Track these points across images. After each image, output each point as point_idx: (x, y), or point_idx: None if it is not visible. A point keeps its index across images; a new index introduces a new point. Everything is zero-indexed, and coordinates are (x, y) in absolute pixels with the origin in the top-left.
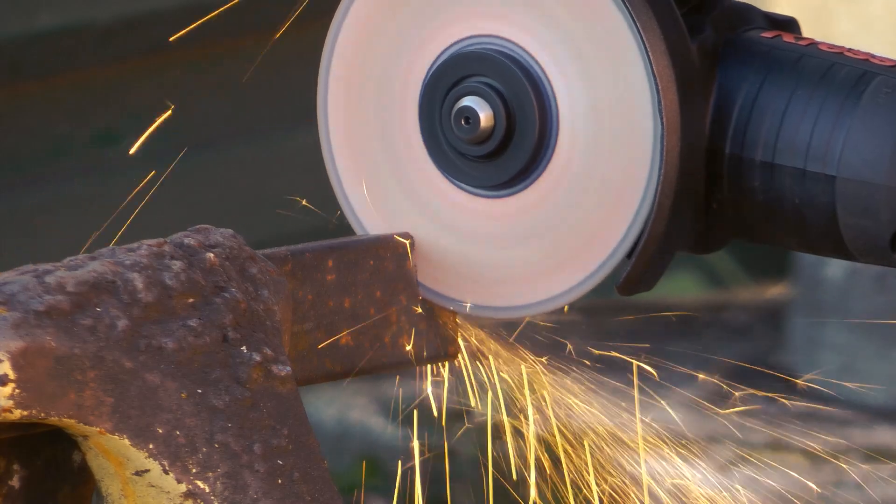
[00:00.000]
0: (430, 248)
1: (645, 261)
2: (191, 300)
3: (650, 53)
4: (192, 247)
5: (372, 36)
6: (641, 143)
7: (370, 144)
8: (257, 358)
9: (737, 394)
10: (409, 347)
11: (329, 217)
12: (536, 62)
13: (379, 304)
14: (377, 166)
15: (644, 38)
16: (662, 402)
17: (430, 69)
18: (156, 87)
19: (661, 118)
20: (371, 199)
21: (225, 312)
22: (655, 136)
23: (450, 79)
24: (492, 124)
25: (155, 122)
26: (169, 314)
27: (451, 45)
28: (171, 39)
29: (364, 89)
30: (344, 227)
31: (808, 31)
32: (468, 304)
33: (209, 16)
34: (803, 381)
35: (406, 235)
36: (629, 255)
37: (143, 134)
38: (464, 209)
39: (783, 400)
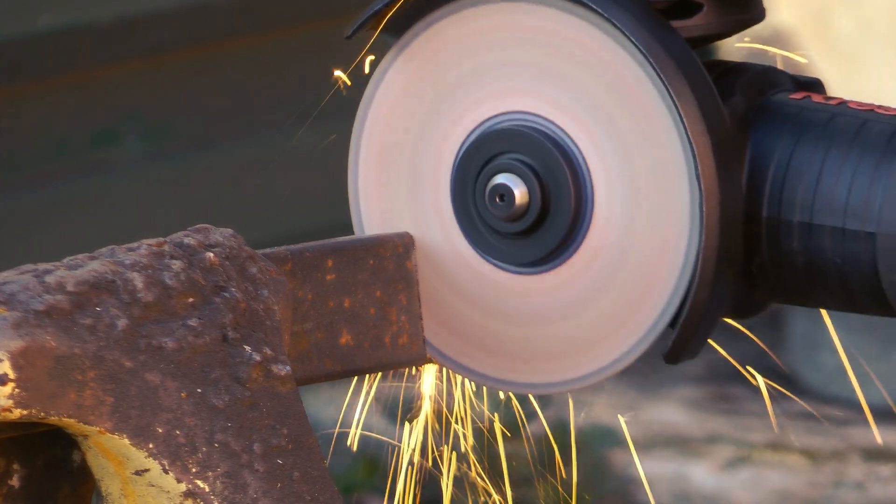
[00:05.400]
0: (461, 323)
1: (690, 329)
2: (191, 300)
3: (684, 119)
4: (192, 246)
5: (404, 110)
6: (680, 212)
7: (402, 220)
8: (257, 357)
9: (736, 394)
10: (409, 347)
11: None
12: (568, 136)
13: (379, 304)
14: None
15: (677, 104)
16: (662, 401)
17: (461, 145)
18: (156, 87)
19: (700, 184)
20: None
21: (225, 312)
22: (693, 203)
23: (482, 156)
24: (527, 201)
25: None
26: (169, 314)
27: (483, 122)
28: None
29: (396, 163)
30: (343, 226)
31: (808, 32)
32: (505, 381)
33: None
34: (803, 381)
35: (406, 235)
36: (672, 324)
37: (142, 134)
38: (497, 286)
39: (783, 400)
